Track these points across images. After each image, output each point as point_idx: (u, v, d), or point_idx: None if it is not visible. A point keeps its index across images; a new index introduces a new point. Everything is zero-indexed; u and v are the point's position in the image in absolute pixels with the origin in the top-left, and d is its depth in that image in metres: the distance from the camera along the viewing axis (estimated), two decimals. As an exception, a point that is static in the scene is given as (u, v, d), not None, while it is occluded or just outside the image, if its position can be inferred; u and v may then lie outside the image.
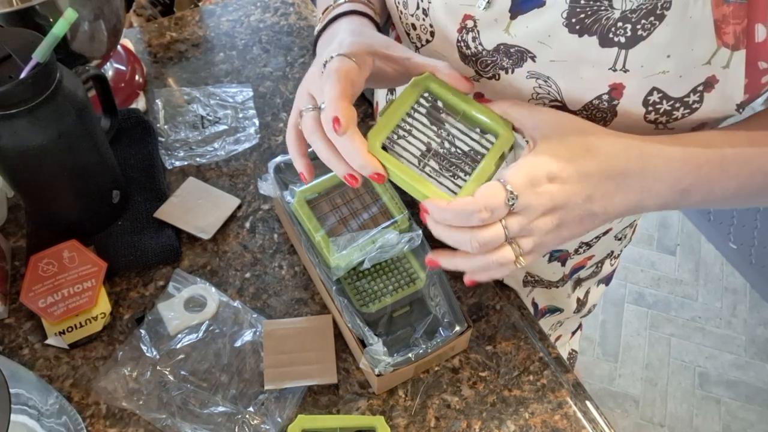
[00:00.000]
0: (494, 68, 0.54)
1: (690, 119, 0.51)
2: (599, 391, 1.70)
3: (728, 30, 0.44)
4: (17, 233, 0.76)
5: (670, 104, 0.49)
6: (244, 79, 0.92)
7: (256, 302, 0.71)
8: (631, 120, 0.51)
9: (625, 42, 0.46)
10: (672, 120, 0.51)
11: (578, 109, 0.51)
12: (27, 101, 0.60)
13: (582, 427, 0.64)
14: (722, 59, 0.46)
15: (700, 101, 0.49)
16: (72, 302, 0.68)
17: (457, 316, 0.63)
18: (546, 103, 0.53)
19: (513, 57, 0.52)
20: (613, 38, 0.47)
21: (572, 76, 0.50)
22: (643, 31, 0.46)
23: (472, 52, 0.54)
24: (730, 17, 0.44)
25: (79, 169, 0.68)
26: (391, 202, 0.67)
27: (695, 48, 0.45)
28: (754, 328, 1.82)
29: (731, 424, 1.66)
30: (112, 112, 0.77)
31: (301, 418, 0.60)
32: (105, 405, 0.64)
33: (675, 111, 0.50)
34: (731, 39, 0.45)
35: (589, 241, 0.71)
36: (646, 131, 0.52)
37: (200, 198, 0.78)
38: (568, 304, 0.87)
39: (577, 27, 0.47)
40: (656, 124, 0.51)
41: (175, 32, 0.99)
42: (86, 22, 0.74)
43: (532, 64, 0.51)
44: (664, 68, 0.47)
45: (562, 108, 0.52)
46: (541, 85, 0.52)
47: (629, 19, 0.45)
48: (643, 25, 0.45)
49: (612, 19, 0.46)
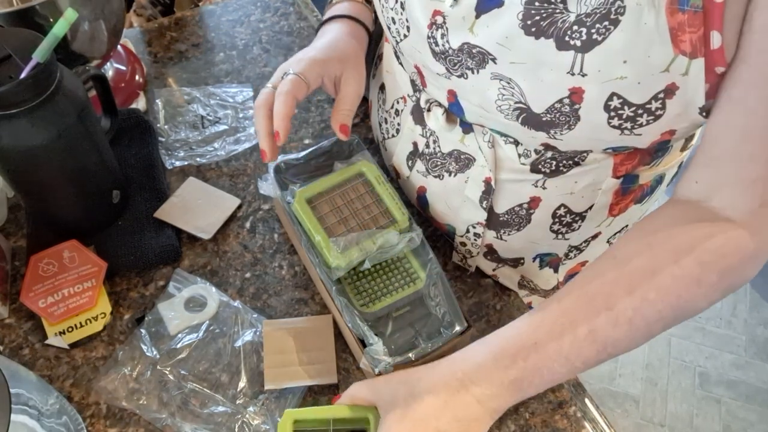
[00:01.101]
0: (461, 67, 0.54)
1: (656, 125, 0.51)
2: (599, 390, 1.70)
3: (685, 38, 0.44)
4: (17, 233, 0.76)
5: (632, 110, 0.49)
6: (244, 79, 0.92)
7: (257, 302, 0.71)
8: (595, 125, 0.51)
9: (581, 46, 0.46)
10: (637, 126, 0.51)
11: (542, 111, 0.51)
12: (27, 101, 0.60)
13: (582, 427, 0.64)
14: (681, 67, 0.46)
15: (662, 108, 0.49)
16: (72, 302, 0.68)
17: (457, 315, 0.63)
18: (511, 105, 0.53)
19: (475, 58, 0.52)
20: (569, 41, 0.46)
21: (533, 78, 0.50)
22: (598, 36, 0.45)
23: (440, 49, 0.54)
24: (685, 25, 0.44)
25: (79, 169, 0.68)
26: (391, 202, 0.67)
27: (652, 55, 0.45)
28: (755, 328, 1.82)
29: (731, 424, 1.66)
30: (112, 112, 0.77)
31: (288, 412, 0.58)
32: (105, 405, 0.64)
33: (639, 117, 0.50)
34: (688, 47, 0.45)
35: (579, 245, 0.71)
36: (612, 136, 0.52)
37: (200, 198, 0.78)
38: None
39: (533, 29, 0.47)
40: (621, 129, 0.51)
41: (175, 32, 0.99)
42: (86, 22, 0.74)
43: (494, 65, 0.51)
44: (622, 74, 0.47)
45: (526, 110, 0.52)
46: (505, 86, 0.52)
47: (584, 22, 0.45)
48: (597, 29, 0.45)
49: (567, 23, 0.46)
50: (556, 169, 0.60)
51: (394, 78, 0.69)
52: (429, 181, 0.69)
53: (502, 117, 0.55)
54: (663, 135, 0.53)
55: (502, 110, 0.54)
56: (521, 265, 0.73)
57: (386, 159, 0.78)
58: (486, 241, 0.70)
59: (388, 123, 0.73)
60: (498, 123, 0.56)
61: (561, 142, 0.54)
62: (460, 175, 0.66)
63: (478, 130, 0.61)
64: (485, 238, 0.70)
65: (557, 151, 0.58)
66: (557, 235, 0.68)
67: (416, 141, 0.68)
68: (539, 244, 0.70)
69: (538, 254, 0.72)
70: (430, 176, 0.69)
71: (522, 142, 0.59)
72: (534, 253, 0.71)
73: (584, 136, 0.53)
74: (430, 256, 0.66)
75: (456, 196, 0.67)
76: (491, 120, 0.57)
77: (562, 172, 0.61)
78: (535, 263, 0.73)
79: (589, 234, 0.69)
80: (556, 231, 0.67)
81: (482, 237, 0.69)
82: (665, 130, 0.52)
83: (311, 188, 0.68)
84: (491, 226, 0.68)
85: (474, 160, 0.63)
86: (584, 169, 0.60)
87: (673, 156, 0.66)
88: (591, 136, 0.53)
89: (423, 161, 0.68)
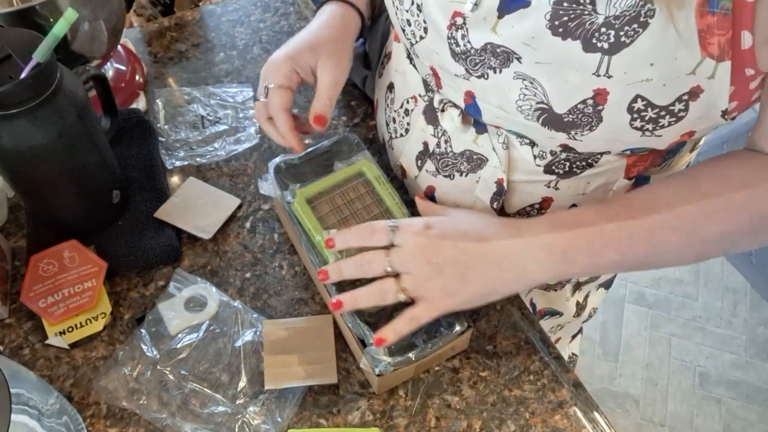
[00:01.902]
0: (483, 67, 0.54)
1: (677, 126, 0.51)
2: (600, 390, 1.70)
3: (713, 41, 0.44)
4: (17, 233, 0.76)
5: (655, 112, 0.49)
6: (245, 79, 0.92)
7: (257, 302, 0.71)
8: (618, 126, 0.51)
9: (608, 48, 0.46)
10: (659, 127, 0.51)
11: (564, 112, 0.51)
12: (27, 101, 0.60)
13: (582, 426, 0.64)
14: (707, 70, 0.46)
15: (685, 110, 0.49)
16: (72, 302, 0.68)
17: (457, 315, 0.63)
18: (532, 105, 0.53)
19: (500, 57, 0.52)
20: (596, 43, 0.46)
21: (557, 79, 0.50)
22: (626, 38, 0.45)
23: (461, 49, 0.54)
24: (714, 28, 0.44)
25: (79, 169, 0.68)
26: (391, 202, 0.67)
27: (678, 57, 0.45)
28: (755, 328, 1.82)
29: (731, 423, 1.66)
30: (112, 112, 0.77)
31: None
32: (105, 405, 0.64)
33: (661, 119, 0.50)
34: (716, 50, 0.45)
35: None
36: (633, 138, 0.52)
37: (200, 198, 0.78)
38: (567, 308, 0.87)
39: (560, 30, 0.47)
40: (643, 131, 0.51)
41: (175, 32, 0.99)
42: (86, 22, 0.74)
43: (518, 65, 0.51)
44: (648, 76, 0.47)
45: (548, 110, 0.52)
46: (528, 86, 0.52)
47: (612, 25, 0.45)
48: (626, 32, 0.45)
49: (595, 24, 0.46)
50: (569, 170, 0.60)
51: (405, 78, 0.68)
52: (439, 181, 0.69)
53: (522, 117, 0.54)
54: (682, 136, 0.53)
55: (523, 111, 0.54)
56: None
57: (393, 159, 0.77)
58: None
59: (397, 122, 0.73)
60: (517, 124, 0.56)
61: (580, 143, 0.54)
62: (471, 176, 0.65)
63: (492, 131, 0.61)
64: None
65: (574, 153, 0.58)
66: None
67: (427, 141, 0.68)
68: None
69: None
70: (440, 176, 0.69)
71: (539, 144, 0.59)
72: None
73: (604, 138, 0.53)
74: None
75: (466, 196, 0.67)
76: (510, 121, 0.56)
77: (575, 174, 0.60)
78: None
79: None
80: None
81: None
82: (685, 132, 0.52)
83: (311, 188, 0.68)
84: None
85: (486, 161, 0.63)
86: (597, 170, 0.60)
87: (683, 157, 0.66)
88: (611, 138, 0.53)
89: (433, 161, 0.68)
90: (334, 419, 0.63)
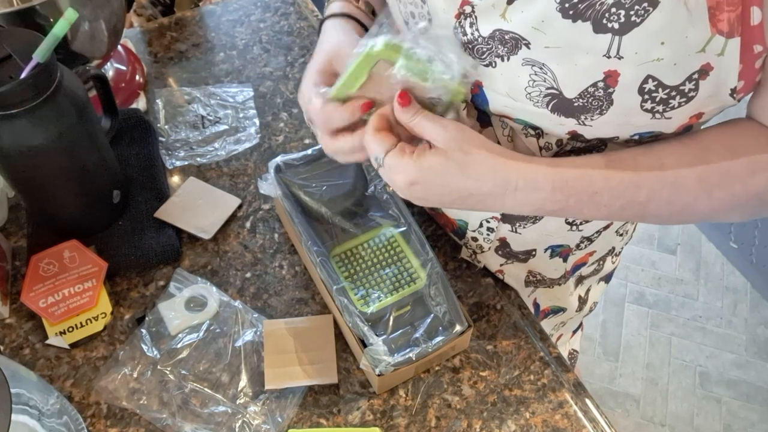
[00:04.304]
0: (490, 56, 0.54)
1: (688, 107, 0.51)
2: (600, 390, 1.70)
3: (722, 17, 0.44)
4: (18, 233, 0.76)
5: (666, 92, 0.49)
6: (245, 79, 0.92)
7: (257, 302, 0.71)
8: (628, 109, 0.51)
9: (618, 28, 0.46)
10: (669, 109, 0.51)
11: (574, 96, 0.51)
12: (27, 101, 0.60)
13: (582, 426, 0.64)
14: (717, 47, 0.46)
15: (695, 89, 0.49)
16: (73, 302, 0.68)
17: (457, 315, 0.63)
18: (542, 91, 0.53)
19: (508, 44, 0.52)
20: (606, 24, 0.46)
21: (567, 63, 0.50)
22: (636, 17, 0.45)
23: (468, 39, 0.54)
24: (724, 4, 0.44)
25: (79, 169, 0.68)
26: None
27: (689, 35, 0.45)
28: (755, 328, 1.82)
29: (732, 423, 1.66)
30: (112, 112, 0.77)
31: None
32: (106, 405, 0.64)
33: (671, 99, 0.50)
34: (725, 26, 0.45)
35: (590, 236, 0.71)
36: (643, 120, 0.52)
37: (201, 198, 0.78)
38: (570, 303, 0.87)
39: (570, 12, 0.47)
40: (653, 113, 0.51)
41: (175, 32, 0.99)
42: (87, 22, 0.74)
43: (527, 51, 0.51)
44: (659, 55, 0.47)
45: (558, 96, 0.52)
46: (537, 72, 0.52)
47: (623, 4, 0.45)
48: (636, 11, 0.45)
49: (606, 5, 0.46)
50: None
51: None
52: None
53: (531, 105, 0.54)
54: (691, 119, 0.53)
55: (532, 97, 0.54)
56: (532, 257, 0.73)
57: None
58: (500, 234, 0.70)
59: None
60: (525, 112, 0.56)
61: (589, 128, 0.54)
62: None
63: (496, 123, 0.61)
64: (499, 231, 0.70)
65: (581, 140, 0.58)
66: (571, 227, 0.68)
67: None
68: (553, 236, 0.70)
69: (550, 246, 0.72)
70: None
71: (547, 132, 0.58)
72: (546, 244, 0.72)
73: (614, 122, 0.53)
74: (430, 256, 0.66)
75: None
76: (518, 109, 0.56)
77: None
78: (546, 254, 0.73)
79: (602, 225, 0.70)
80: (570, 222, 0.68)
81: (496, 231, 0.69)
82: (694, 113, 0.52)
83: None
84: (506, 219, 0.68)
85: None
86: None
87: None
88: (621, 121, 0.53)
89: None
90: (334, 419, 0.63)
